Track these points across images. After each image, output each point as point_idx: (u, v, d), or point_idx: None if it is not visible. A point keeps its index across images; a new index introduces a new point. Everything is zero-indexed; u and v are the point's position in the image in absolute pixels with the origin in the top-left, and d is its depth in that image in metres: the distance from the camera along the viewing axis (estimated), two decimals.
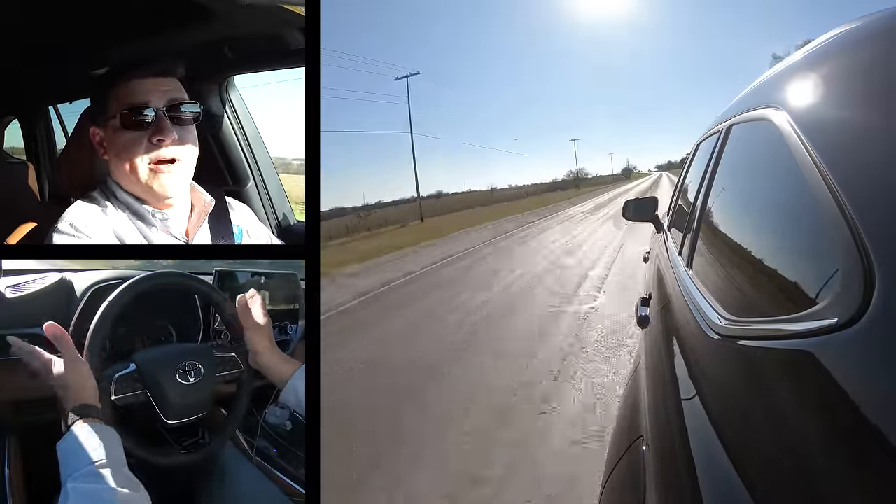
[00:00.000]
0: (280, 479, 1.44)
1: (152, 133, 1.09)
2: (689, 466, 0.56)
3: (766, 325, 0.54)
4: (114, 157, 1.12)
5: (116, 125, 1.09)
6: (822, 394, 0.40)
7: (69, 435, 0.93)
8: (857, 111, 0.54)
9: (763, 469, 0.43)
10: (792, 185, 0.57)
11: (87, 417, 0.96)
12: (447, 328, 4.69)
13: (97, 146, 1.15)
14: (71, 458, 0.89)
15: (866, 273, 0.39)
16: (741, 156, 0.95)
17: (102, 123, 1.13)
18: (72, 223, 1.09)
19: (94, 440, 0.92)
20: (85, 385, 1.02)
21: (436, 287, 7.07)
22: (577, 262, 7.70)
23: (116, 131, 1.10)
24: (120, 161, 1.11)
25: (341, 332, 4.85)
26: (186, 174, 1.16)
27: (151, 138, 1.09)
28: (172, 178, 1.12)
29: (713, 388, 0.61)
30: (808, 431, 0.40)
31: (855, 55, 0.62)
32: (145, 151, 1.09)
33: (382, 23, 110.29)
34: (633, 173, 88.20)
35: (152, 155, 1.10)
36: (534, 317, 4.79)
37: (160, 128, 1.09)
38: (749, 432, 0.49)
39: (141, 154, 1.09)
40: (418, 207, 24.93)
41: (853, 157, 0.49)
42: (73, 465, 0.88)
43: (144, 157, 1.09)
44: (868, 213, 0.42)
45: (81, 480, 0.85)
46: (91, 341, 1.07)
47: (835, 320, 0.40)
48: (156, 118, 1.10)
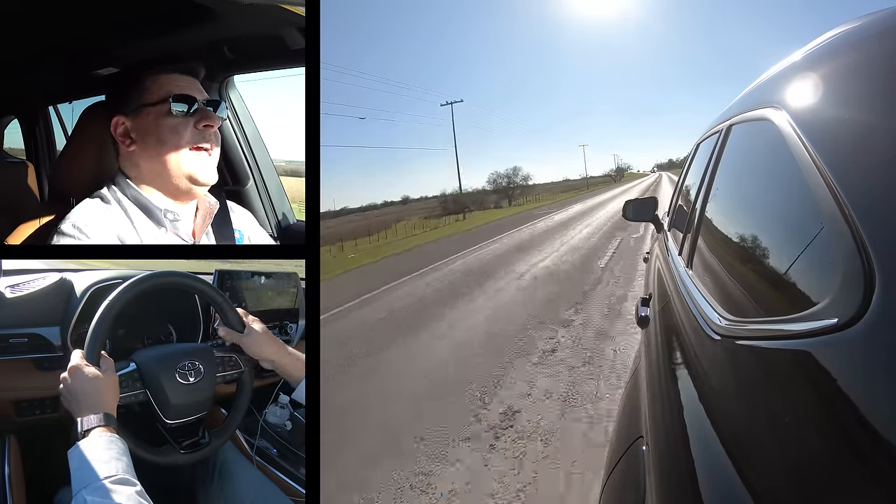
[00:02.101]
0: (280, 479, 1.44)
1: (198, 120, 1.14)
2: (689, 466, 0.56)
3: (766, 325, 0.54)
4: (152, 143, 1.14)
5: (161, 111, 1.13)
6: (821, 394, 0.40)
7: (86, 443, 0.93)
8: (857, 111, 0.53)
9: (763, 469, 0.43)
10: (792, 186, 0.57)
11: (107, 427, 0.96)
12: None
13: (120, 137, 1.16)
14: (87, 467, 0.89)
15: (866, 273, 0.39)
16: (741, 156, 0.95)
17: (133, 112, 1.15)
18: (75, 224, 1.09)
19: (112, 452, 0.92)
20: (112, 394, 1.04)
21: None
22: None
23: (158, 117, 1.13)
24: (160, 147, 1.13)
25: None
26: (215, 169, 1.20)
27: (197, 124, 1.14)
28: (211, 164, 1.17)
29: (713, 388, 0.61)
30: (807, 431, 0.40)
31: (855, 55, 0.62)
32: (191, 137, 1.14)
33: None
34: (627, 173, 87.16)
35: (197, 141, 1.15)
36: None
37: (206, 115, 1.15)
38: (749, 432, 0.49)
39: (187, 139, 1.14)
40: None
41: (853, 157, 0.49)
42: (88, 476, 0.87)
43: (189, 142, 1.14)
44: (868, 214, 0.42)
45: (99, 494, 0.85)
46: (91, 341, 1.07)
47: (835, 320, 0.40)
48: (199, 108, 1.15)
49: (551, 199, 38.30)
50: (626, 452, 0.98)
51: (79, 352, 1.06)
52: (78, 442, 0.93)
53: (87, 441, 0.93)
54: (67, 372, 1.03)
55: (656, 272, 1.64)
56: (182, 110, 1.13)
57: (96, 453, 0.90)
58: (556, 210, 22.96)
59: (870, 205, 0.43)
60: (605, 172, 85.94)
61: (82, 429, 0.96)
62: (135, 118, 1.15)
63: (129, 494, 0.86)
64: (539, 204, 33.94)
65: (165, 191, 1.17)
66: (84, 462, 0.89)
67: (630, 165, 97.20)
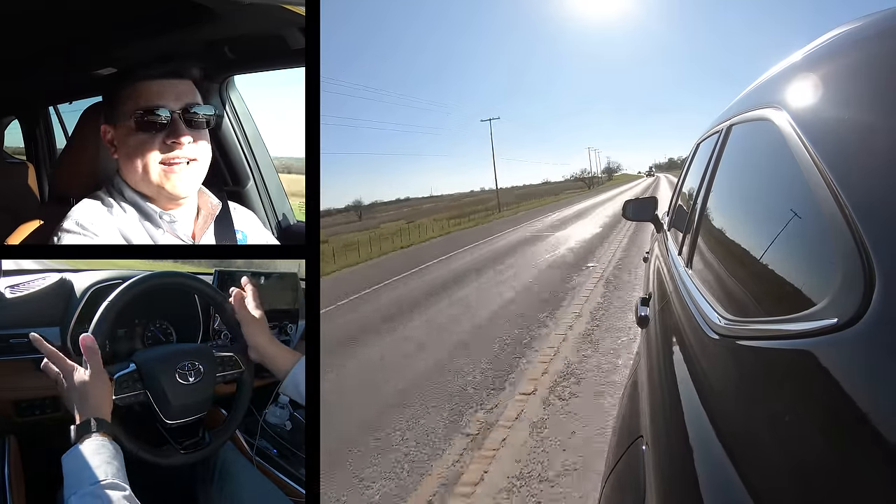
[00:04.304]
0: (280, 479, 1.44)
1: (167, 135, 1.10)
2: (689, 466, 0.56)
3: (766, 325, 0.54)
4: (125, 156, 1.12)
5: (130, 126, 1.10)
6: (822, 394, 0.40)
7: (77, 449, 0.93)
8: (858, 111, 0.53)
9: (763, 469, 0.43)
10: (792, 186, 0.57)
11: (99, 433, 0.97)
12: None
13: (108, 144, 1.15)
14: (77, 473, 0.90)
15: (866, 273, 0.39)
16: (741, 156, 0.95)
17: (114, 122, 1.13)
18: (78, 221, 1.09)
19: (102, 457, 0.92)
20: (105, 400, 1.04)
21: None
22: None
23: (130, 132, 1.10)
24: (132, 161, 1.11)
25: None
26: (198, 176, 1.16)
27: (166, 140, 1.10)
28: (184, 178, 1.13)
29: (713, 388, 0.61)
30: (807, 431, 0.40)
31: (855, 55, 0.62)
32: (159, 153, 1.10)
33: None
34: (617, 175, 79.75)
35: (165, 156, 1.10)
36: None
37: (174, 130, 1.10)
38: (749, 432, 0.49)
39: (154, 156, 1.10)
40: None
41: (853, 157, 0.49)
42: (78, 481, 0.88)
43: (157, 158, 1.10)
44: (868, 213, 0.42)
45: (88, 499, 0.86)
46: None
47: (835, 320, 0.40)
48: (170, 120, 1.10)
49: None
50: (626, 452, 0.98)
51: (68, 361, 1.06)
52: (71, 448, 0.94)
53: (79, 447, 0.94)
54: (60, 376, 1.03)
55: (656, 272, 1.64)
56: (151, 125, 1.09)
57: (87, 459, 0.91)
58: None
59: (870, 205, 0.43)
60: (576, 174, 74.09)
61: (76, 434, 0.97)
62: (115, 128, 1.13)
63: (117, 499, 0.87)
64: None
65: (153, 198, 1.15)
66: (75, 468, 0.91)
67: (620, 165, 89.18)
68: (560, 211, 23.75)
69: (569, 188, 64.88)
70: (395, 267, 10.31)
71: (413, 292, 7.32)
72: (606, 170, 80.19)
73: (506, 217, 25.23)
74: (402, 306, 6.37)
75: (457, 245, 13.27)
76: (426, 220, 30.11)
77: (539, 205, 35.14)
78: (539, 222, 18.38)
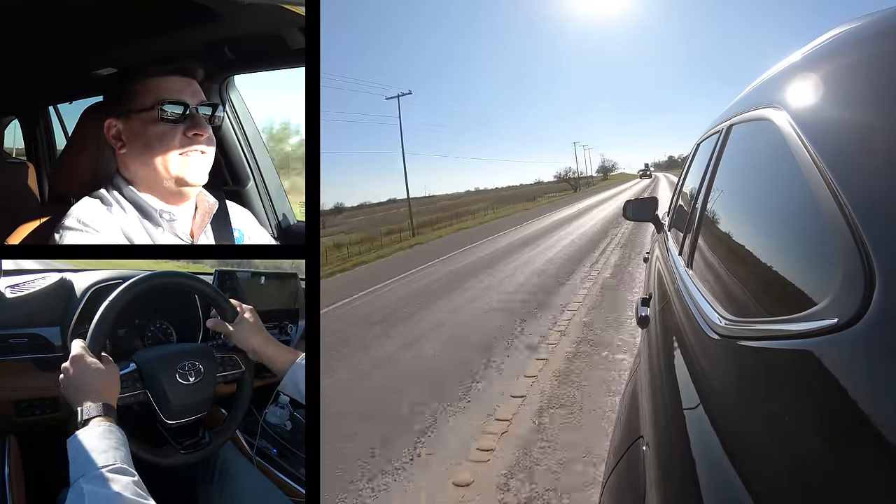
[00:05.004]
0: (280, 479, 1.44)
1: (188, 127, 1.14)
2: (689, 466, 0.56)
3: (766, 325, 0.54)
4: (140, 147, 1.14)
5: (150, 117, 1.13)
6: (822, 394, 0.40)
7: (85, 432, 0.92)
8: (858, 111, 0.53)
9: (763, 469, 0.43)
10: (792, 186, 0.57)
11: (107, 416, 0.96)
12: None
13: (112, 139, 1.16)
14: (85, 456, 0.88)
15: (866, 273, 0.39)
16: (741, 156, 0.95)
17: (125, 116, 1.15)
18: (79, 218, 1.10)
19: (110, 441, 0.91)
20: (113, 387, 1.04)
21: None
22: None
23: (148, 123, 1.13)
24: (148, 151, 1.13)
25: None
26: (209, 168, 1.20)
27: (186, 132, 1.14)
28: (201, 166, 1.17)
29: (713, 388, 0.61)
30: (807, 431, 0.40)
31: (855, 55, 0.62)
32: (179, 145, 1.14)
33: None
34: (612, 175, 69.64)
35: (185, 148, 1.14)
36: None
37: (196, 123, 1.15)
38: (749, 432, 0.49)
39: (174, 145, 1.14)
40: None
41: (853, 157, 0.49)
42: (86, 465, 0.86)
43: (178, 149, 1.14)
44: (868, 213, 0.42)
45: (96, 483, 0.84)
46: (91, 341, 1.07)
47: (835, 320, 0.40)
48: (190, 114, 1.15)
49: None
50: (627, 452, 0.98)
51: (80, 341, 1.05)
52: (77, 431, 0.92)
53: (86, 430, 0.92)
54: (69, 361, 1.02)
55: (656, 272, 1.64)
56: (172, 117, 1.13)
57: (95, 442, 0.90)
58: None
59: (870, 205, 0.43)
60: (560, 173, 58.34)
61: (82, 418, 0.95)
62: (126, 122, 1.15)
63: (125, 484, 0.85)
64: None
65: (158, 192, 1.17)
66: (82, 451, 0.88)
67: (616, 163, 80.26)
68: (511, 231, 14.98)
69: (550, 191, 52.02)
70: None
71: None
72: (601, 168, 72.87)
73: (404, 251, 14.16)
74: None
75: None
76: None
77: (492, 217, 24.10)
78: (450, 262, 9.64)
